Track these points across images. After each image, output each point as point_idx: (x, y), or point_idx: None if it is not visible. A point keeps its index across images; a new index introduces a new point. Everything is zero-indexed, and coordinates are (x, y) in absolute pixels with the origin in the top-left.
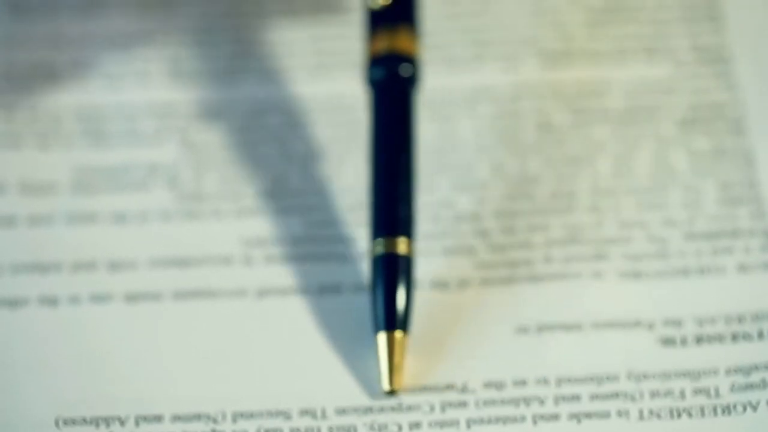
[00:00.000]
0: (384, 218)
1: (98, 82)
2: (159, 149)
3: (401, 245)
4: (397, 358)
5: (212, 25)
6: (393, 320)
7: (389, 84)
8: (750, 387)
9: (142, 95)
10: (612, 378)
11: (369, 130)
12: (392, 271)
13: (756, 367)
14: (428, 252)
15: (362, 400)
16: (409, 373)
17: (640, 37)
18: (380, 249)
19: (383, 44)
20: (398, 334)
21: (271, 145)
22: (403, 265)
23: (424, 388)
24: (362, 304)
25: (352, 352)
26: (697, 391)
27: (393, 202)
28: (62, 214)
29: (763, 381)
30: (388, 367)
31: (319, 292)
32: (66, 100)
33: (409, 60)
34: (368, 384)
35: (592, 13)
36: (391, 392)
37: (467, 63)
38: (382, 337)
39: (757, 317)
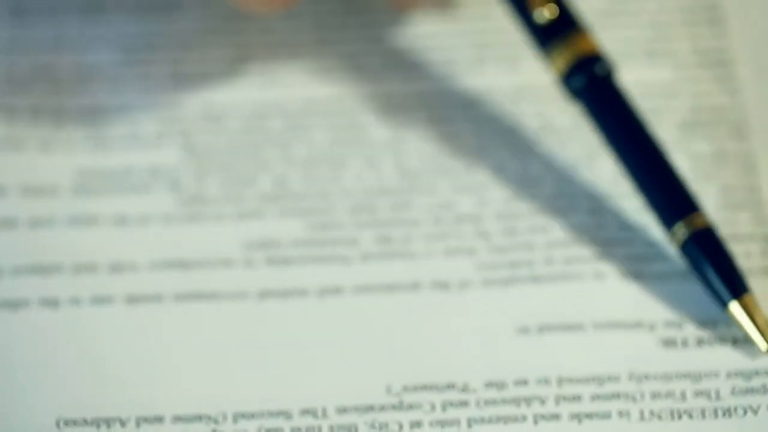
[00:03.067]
0: (676, 202)
1: (99, 84)
2: (161, 152)
3: (701, 218)
4: (760, 317)
5: (213, 27)
6: (742, 286)
7: (594, 89)
8: (751, 391)
9: (144, 98)
10: (613, 379)
11: (603, 135)
12: (714, 243)
13: (757, 372)
14: (430, 253)
15: (363, 398)
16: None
17: (641, 40)
18: (689, 229)
19: (565, 57)
20: (749, 296)
21: (273, 147)
22: (717, 233)
23: (425, 387)
24: (363, 306)
25: (350, 352)
26: (697, 393)
27: (670, 185)
28: (63, 216)
29: (764, 386)
30: (759, 329)
31: (319, 294)
32: (67, 103)
33: (597, 58)
34: (369, 383)
35: (593, 16)
36: None
37: (468, 65)
38: (735, 306)
39: None
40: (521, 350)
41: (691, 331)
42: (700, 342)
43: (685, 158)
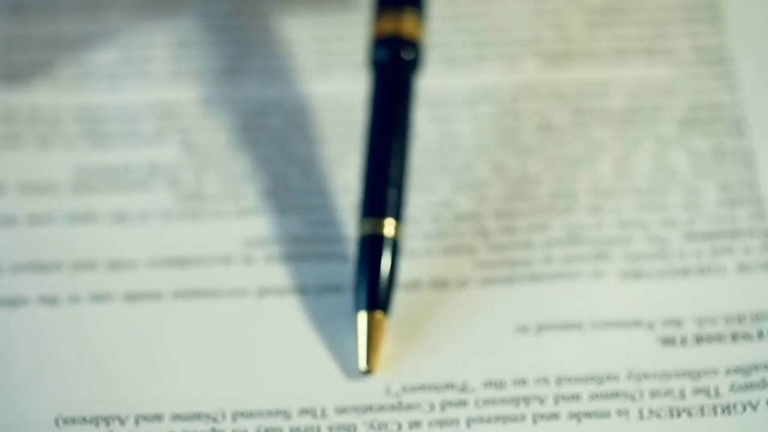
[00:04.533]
0: (372, 199)
1: (98, 82)
2: (159, 149)
3: (388, 226)
4: (375, 339)
5: (213, 25)
6: (374, 300)
7: (391, 66)
8: (750, 386)
9: (143, 95)
10: (612, 377)
11: (366, 111)
12: (377, 251)
13: (756, 367)
14: (429, 251)
15: (362, 398)
16: (409, 369)
17: (640, 38)
18: (367, 229)
19: (388, 26)
20: (378, 314)
21: (272, 144)
22: (389, 246)
23: (424, 387)
24: None
25: (352, 352)
26: (696, 391)
27: (383, 184)
28: (62, 213)
29: (763, 381)
30: (366, 347)
31: (318, 291)
32: (66, 100)
33: (413, 44)
34: (368, 383)
35: (592, 14)
36: (368, 372)
37: (468, 63)
38: (362, 317)
39: (757, 317)
40: (520, 349)
41: (690, 329)
42: (698, 340)
43: (684, 155)
